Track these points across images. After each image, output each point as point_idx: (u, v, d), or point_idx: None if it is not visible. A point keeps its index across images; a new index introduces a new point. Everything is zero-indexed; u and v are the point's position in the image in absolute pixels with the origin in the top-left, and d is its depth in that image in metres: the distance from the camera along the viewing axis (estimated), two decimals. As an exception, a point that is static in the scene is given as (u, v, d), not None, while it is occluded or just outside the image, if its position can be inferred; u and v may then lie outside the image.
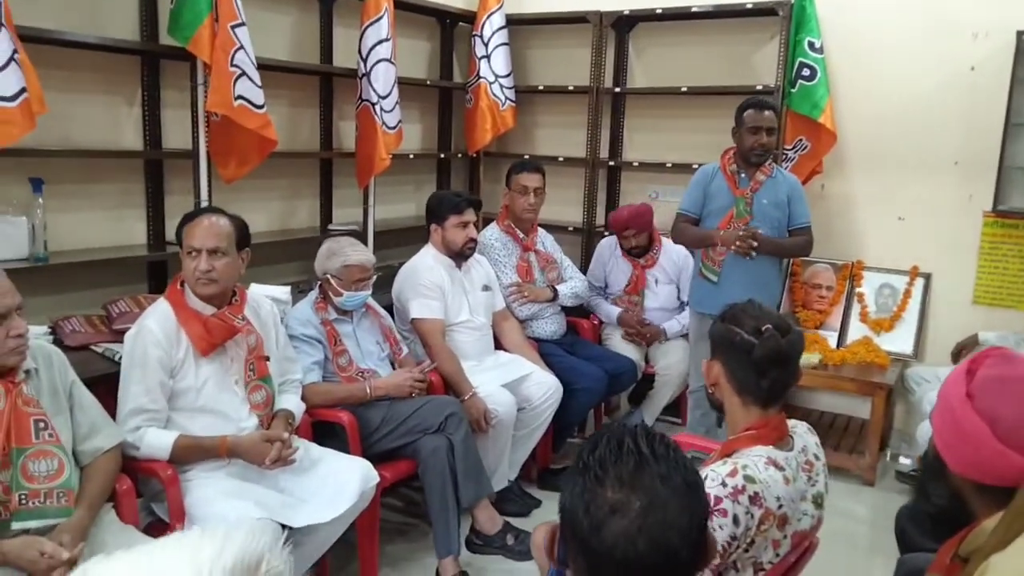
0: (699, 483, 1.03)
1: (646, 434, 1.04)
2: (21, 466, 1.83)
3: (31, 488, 1.85)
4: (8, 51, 2.28)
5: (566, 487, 1.04)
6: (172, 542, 0.76)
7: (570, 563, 1.05)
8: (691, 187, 3.40)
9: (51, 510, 1.88)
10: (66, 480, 1.90)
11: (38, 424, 1.87)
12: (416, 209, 4.53)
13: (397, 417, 2.77)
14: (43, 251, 2.74)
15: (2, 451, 1.80)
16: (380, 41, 3.61)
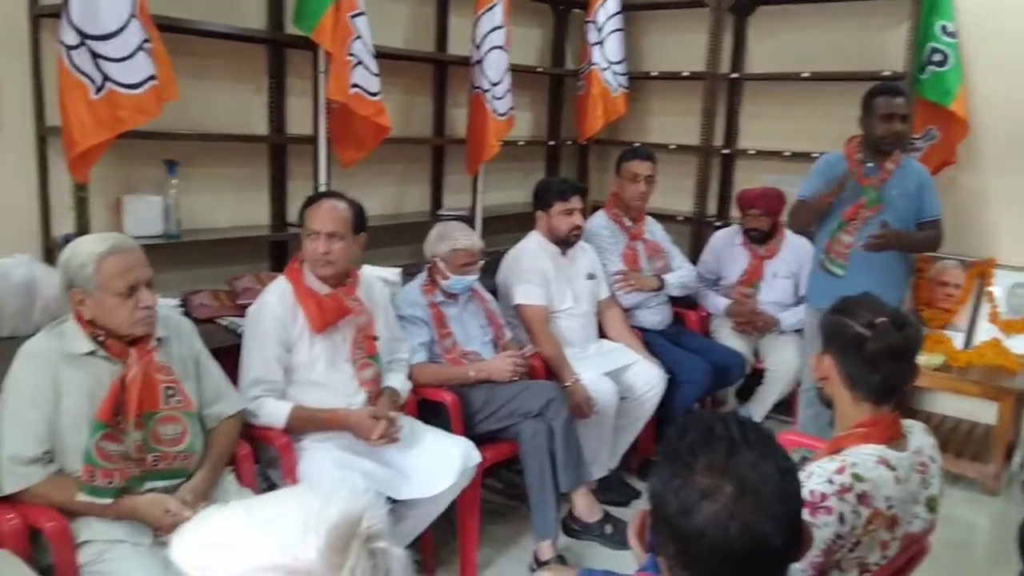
0: (793, 470, 1.00)
1: (737, 420, 1.02)
2: (153, 429, 1.97)
3: (161, 450, 1.98)
4: (137, 41, 2.41)
5: (655, 473, 1.03)
6: (281, 496, 0.81)
7: (660, 550, 1.04)
8: (813, 174, 3.27)
9: (175, 471, 2.01)
10: (189, 444, 2.02)
11: (167, 390, 2.00)
12: (524, 196, 4.54)
13: (499, 400, 2.81)
14: (175, 229, 2.93)
15: (136, 414, 1.94)
16: (493, 29, 3.65)
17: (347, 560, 0.73)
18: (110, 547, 1.89)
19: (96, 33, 2.35)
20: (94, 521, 1.91)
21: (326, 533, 0.73)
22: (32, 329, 2.38)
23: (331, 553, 0.73)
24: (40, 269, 2.50)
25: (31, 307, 2.45)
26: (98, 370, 1.96)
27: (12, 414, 1.90)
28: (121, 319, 1.94)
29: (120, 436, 1.92)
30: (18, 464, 1.88)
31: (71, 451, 1.92)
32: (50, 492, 1.90)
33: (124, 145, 2.71)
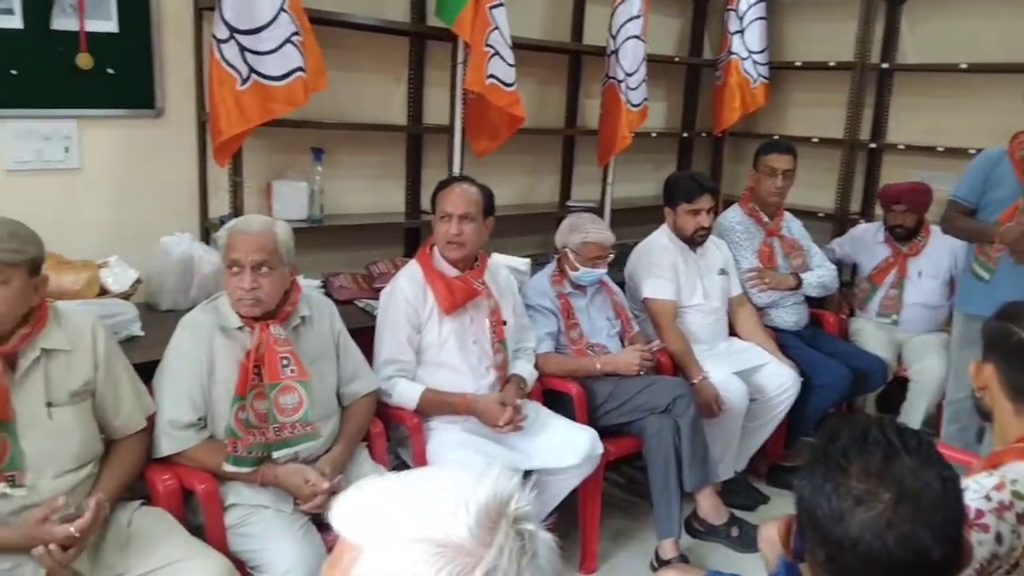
0: (956, 479, 0.94)
1: (894, 425, 0.97)
2: (274, 400, 2.06)
3: (282, 420, 2.06)
4: (286, 34, 2.54)
5: (804, 477, 0.99)
6: (432, 472, 0.83)
7: (807, 556, 1.00)
8: (969, 173, 3.04)
9: (296, 439, 2.07)
10: (304, 413, 2.08)
11: (283, 361, 2.07)
12: (655, 188, 4.46)
13: (624, 394, 2.79)
14: (319, 213, 3.06)
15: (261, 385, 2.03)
16: (631, 18, 3.60)
17: (495, 538, 0.74)
18: (254, 511, 2.00)
19: (245, 28, 2.49)
20: (241, 486, 2.03)
21: (476, 511, 0.75)
22: (189, 304, 2.56)
23: (480, 530, 0.74)
24: (198, 248, 2.68)
25: (189, 283, 2.63)
26: (244, 344, 2.08)
27: (171, 381, 2.04)
28: (230, 292, 2.07)
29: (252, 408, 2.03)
30: (175, 428, 2.02)
31: (220, 419, 2.05)
32: (202, 456, 2.03)
33: (275, 133, 2.86)
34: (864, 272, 3.74)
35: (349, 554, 0.75)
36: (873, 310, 3.68)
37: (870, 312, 3.69)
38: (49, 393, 1.80)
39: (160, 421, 2.03)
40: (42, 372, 1.80)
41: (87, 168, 2.66)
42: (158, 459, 2.03)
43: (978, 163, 3.04)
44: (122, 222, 2.74)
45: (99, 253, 2.51)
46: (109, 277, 2.42)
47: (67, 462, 1.82)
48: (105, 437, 1.96)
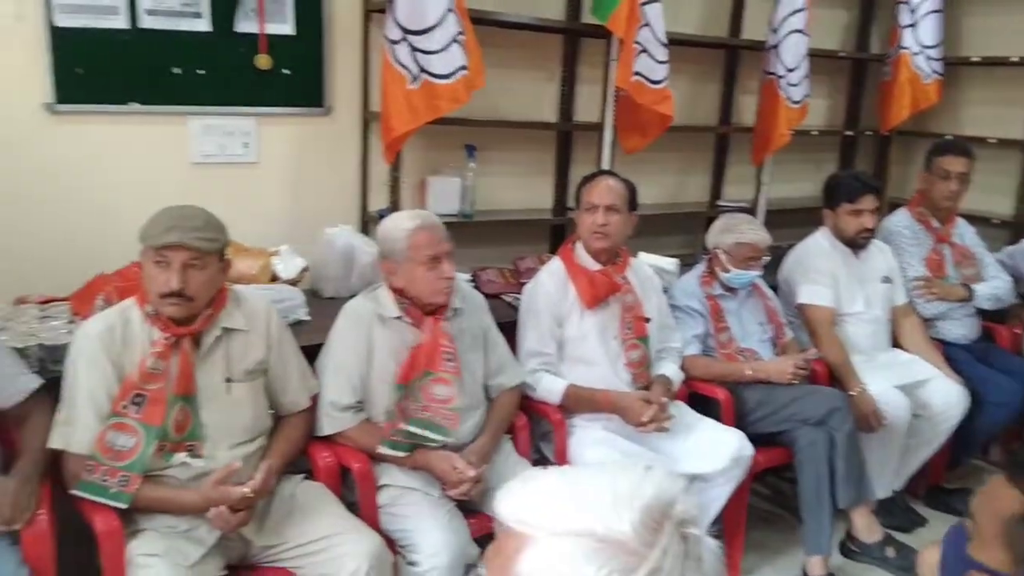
0: None
1: None
2: (425, 384, 2.11)
3: (425, 403, 2.11)
4: (452, 34, 2.62)
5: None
6: (597, 468, 0.84)
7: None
8: None
9: (435, 426, 2.11)
10: (455, 406, 2.13)
11: (446, 355, 2.14)
12: (813, 189, 4.26)
13: (775, 402, 2.69)
14: (470, 208, 3.14)
15: (419, 374, 2.11)
16: (794, 11, 3.46)
17: (659, 539, 0.73)
18: (405, 493, 2.08)
19: (416, 28, 2.59)
20: (393, 468, 2.12)
21: (640, 509, 0.74)
22: (350, 292, 2.69)
23: (644, 530, 0.73)
24: (358, 239, 2.81)
25: (349, 272, 2.76)
26: (402, 333, 2.16)
27: (333, 365, 2.16)
28: (425, 287, 2.13)
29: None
30: (335, 409, 2.13)
31: (377, 403, 2.15)
32: (359, 437, 2.14)
33: (431, 131, 2.95)
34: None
35: (513, 544, 0.77)
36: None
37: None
38: (228, 369, 1.95)
39: (322, 402, 2.14)
40: (223, 350, 1.94)
41: (263, 162, 2.85)
42: (319, 437, 2.14)
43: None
44: (291, 213, 2.92)
45: (271, 242, 2.69)
46: (279, 264, 2.58)
47: (240, 434, 1.96)
48: (273, 413, 2.09)
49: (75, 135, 2.54)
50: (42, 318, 2.25)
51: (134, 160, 2.63)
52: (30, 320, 2.22)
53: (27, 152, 2.47)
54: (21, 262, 2.48)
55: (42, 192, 2.51)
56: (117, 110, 2.58)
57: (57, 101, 2.48)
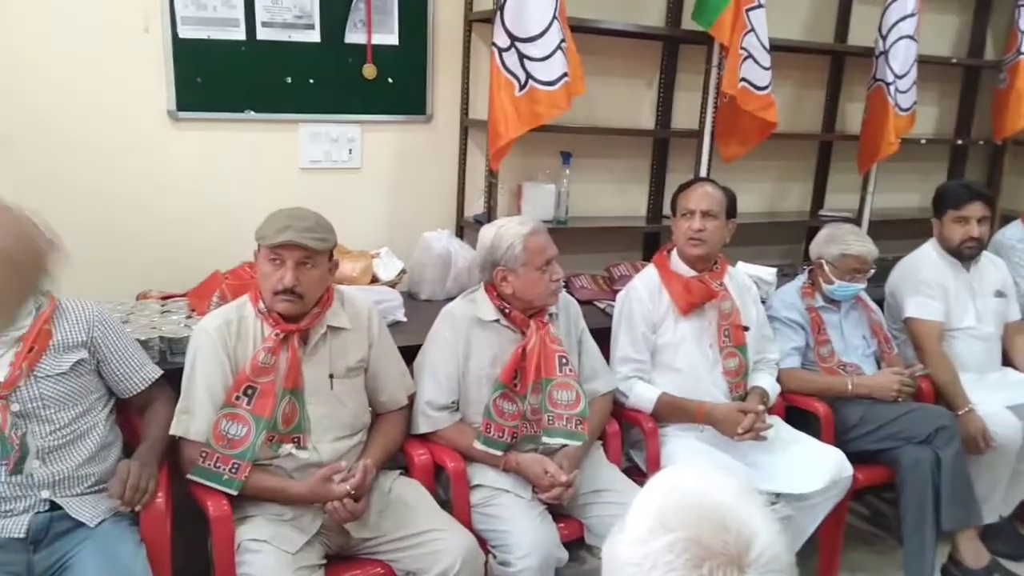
0: None
1: None
2: (548, 394, 2.16)
3: (555, 412, 2.16)
4: (556, 41, 2.65)
5: None
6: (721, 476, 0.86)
7: None
8: None
9: (568, 432, 2.16)
10: (582, 410, 2.18)
11: (561, 359, 2.18)
12: (921, 200, 4.12)
13: (878, 419, 2.60)
14: (564, 215, 3.16)
15: (534, 379, 2.14)
16: (904, 17, 3.35)
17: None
18: (497, 494, 2.11)
19: (524, 36, 2.63)
20: (486, 469, 2.15)
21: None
22: (445, 295, 2.75)
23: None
24: (455, 244, 2.87)
25: (446, 275, 2.83)
26: (500, 337, 2.20)
27: (431, 366, 2.21)
28: (540, 290, 2.17)
29: (516, 398, 2.14)
30: (432, 409, 2.19)
31: (472, 404, 2.20)
32: (454, 437, 2.19)
33: (528, 137, 2.96)
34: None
35: None
36: None
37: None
38: (332, 365, 2.03)
39: (419, 401, 2.20)
40: (328, 347, 2.02)
41: (365, 168, 2.95)
42: (415, 435, 2.20)
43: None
44: (392, 217, 3.01)
45: (372, 244, 2.78)
46: (380, 267, 2.66)
47: (342, 429, 2.04)
48: (372, 410, 2.16)
49: (194, 140, 2.68)
50: (163, 312, 2.40)
51: (248, 164, 2.77)
52: (152, 314, 2.36)
53: (150, 156, 2.63)
54: (143, 260, 2.64)
55: (163, 194, 2.66)
56: (233, 117, 2.72)
57: (178, 108, 2.63)
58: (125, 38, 2.53)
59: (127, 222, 2.62)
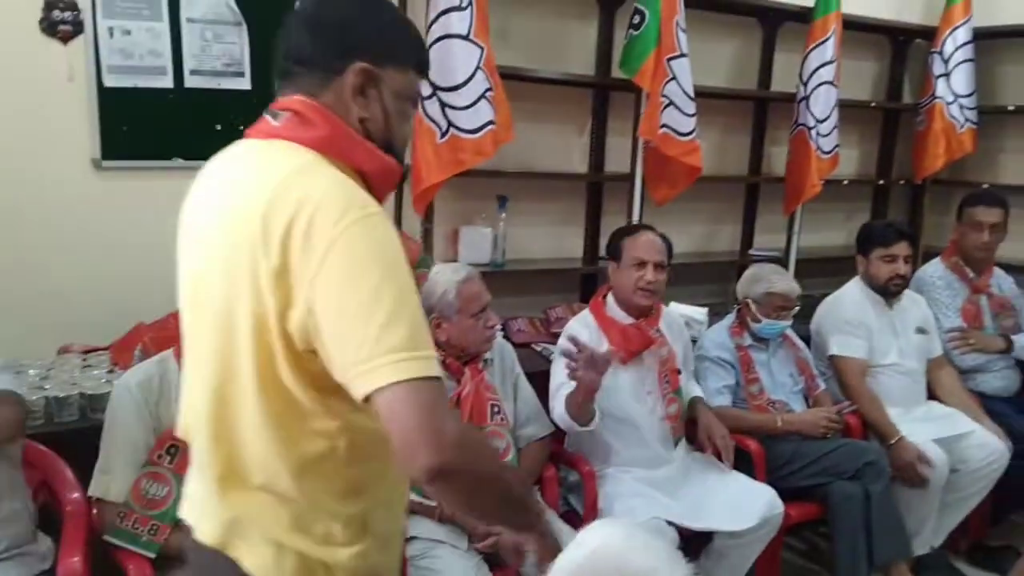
0: None
1: None
2: None
3: None
4: (481, 90, 2.70)
5: None
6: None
7: None
8: None
9: None
10: (511, 459, 2.18)
11: (493, 408, 2.18)
12: (846, 239, 4.27)
13: (808, 455, 2.65)
14: (501, 258, 3.18)
15: None
16: (824, 64, 3.51)
17: None
18: (433, 546, 2.07)
19: (446, 85, 2.67)
20: (421, 520, 2.12)
21: None
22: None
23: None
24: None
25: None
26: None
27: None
28: (473, 338, 2.18)
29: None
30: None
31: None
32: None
33: (463, 182, 3.01)
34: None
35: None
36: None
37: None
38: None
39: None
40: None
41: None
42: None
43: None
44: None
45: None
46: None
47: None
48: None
49: (119, 189, 2.63)
50: (84, 367, 2.32)
51: (175, 213, 2.71)
52: (72, 369, 2.29)
53: (74, 206, 2.57)
54: (66, 312, 2.56)
55: (87, 244, 2.59)
56: (160, 165, 2.67)
57: (103, 157, 2.58)
58: (49, 89, 2.48)
59: (49, 274, 2.54)
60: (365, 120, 1.13)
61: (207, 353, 1.09)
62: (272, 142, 1.10)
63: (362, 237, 0.99)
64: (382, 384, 0.96)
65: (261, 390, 1.04)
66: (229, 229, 1.05)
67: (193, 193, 1.18)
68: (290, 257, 0.99)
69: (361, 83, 1.12)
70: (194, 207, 1.17)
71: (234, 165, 1.13)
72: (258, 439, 1.07)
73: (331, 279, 0.97)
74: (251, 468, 1.09)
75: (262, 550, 1.09)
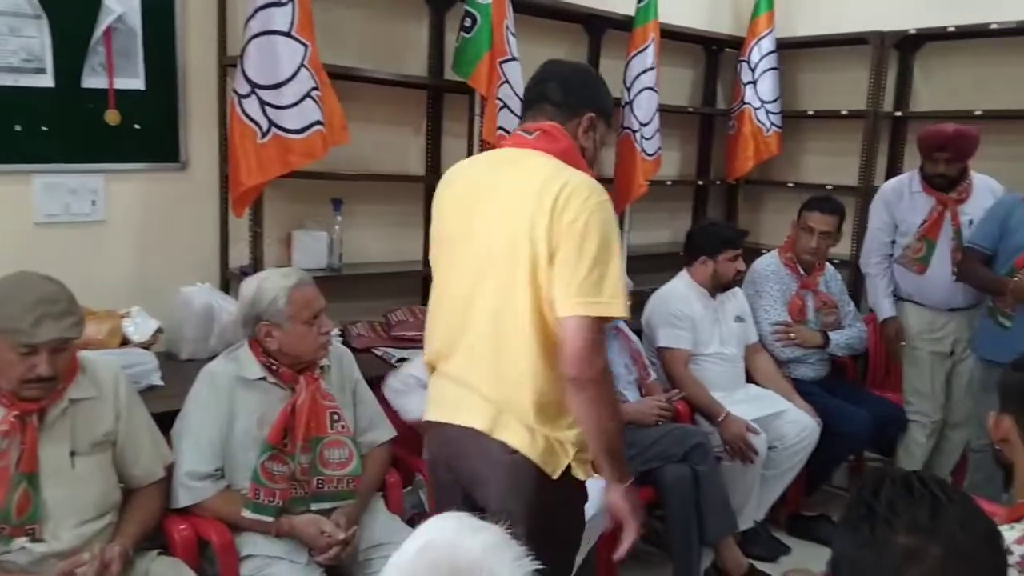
0: (1000, 535, 0.93)
1: (935, 478, 0.95)
2: (319, 453, 2.09)
3: (327, 474, 2.10)
4: (305, 89, 2.61)
5: (847, 533, 0.97)
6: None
7: None
8: (986, 218, 3.05)
9: (343, 494, 2.12)
10: (354, 468, 2.13)
11: (332, 416, 2.12)
12: (671, 236, 4.52)
13: (641, 443, 2.77)
14: (338, 262, 3.10)
15: (304, 438, 2.06)
16: (644, 70, 3.68)
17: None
18: (270, 563, 2.00)
19: (266, 83, 2.56)
20: (257, 537, 2.03)
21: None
22: (209, 353, 2.59)
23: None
24: (218, 298, 2.72)
25: (209, 332, 2.66)
26: (268, 395, 2.10)
27: (190, 432, 2.06)
28: (307, 346, 2.10)
29: (286, 458, 2.05)
30: (193, 479, 2.03)
31: (239, 469, 2.07)
32: (219, 507, 2.04)
33: (295, 184, 2.91)
34: (908, 230, 3.31)
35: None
36: (942, 273, 3.22)
37: (933, 280, 3.24)
38: (73, 442, 1.83)
39: (178, 472, 2.04)
40: (68, 422, 1.83)
41: (111, 220, 2.72)
42: (175, 509, 2.03)
43: (995, 209, 3.05)
44: (145, 273, 2.79)
45: (122, 303, 2.56)
46: (131, 327, 2.46)
47: (87, 512, 1.84)
48: (124, 487, 1.97)
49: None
50: None
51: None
52: None
53: None
54: None
55: None
56: (-52, 168, 2.42)
57: None
58: None
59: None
60: (584, 148, 1.72)
61: (491, 288, 1.60)
62: (526, 151, 1.66)
63: (596, 215, 1.54)
64: (570, 314, 1.52)
65: (532, 311, 1.56)
66: (509, 204, 1.60)
67: (462, 174, 1.80)
68: (554, 219, 1.52)
69: (588, 126, 1.73)
70: (467, 185, 1.75)
71: (505, 162, 1.70)
72: (523, 350, 1.58)
73: (571, 237, 1.51)
74: (514, 374, 1.59)
75: (521, 434, 1.60)
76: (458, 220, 1.71)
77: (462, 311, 1.66)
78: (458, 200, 1.75)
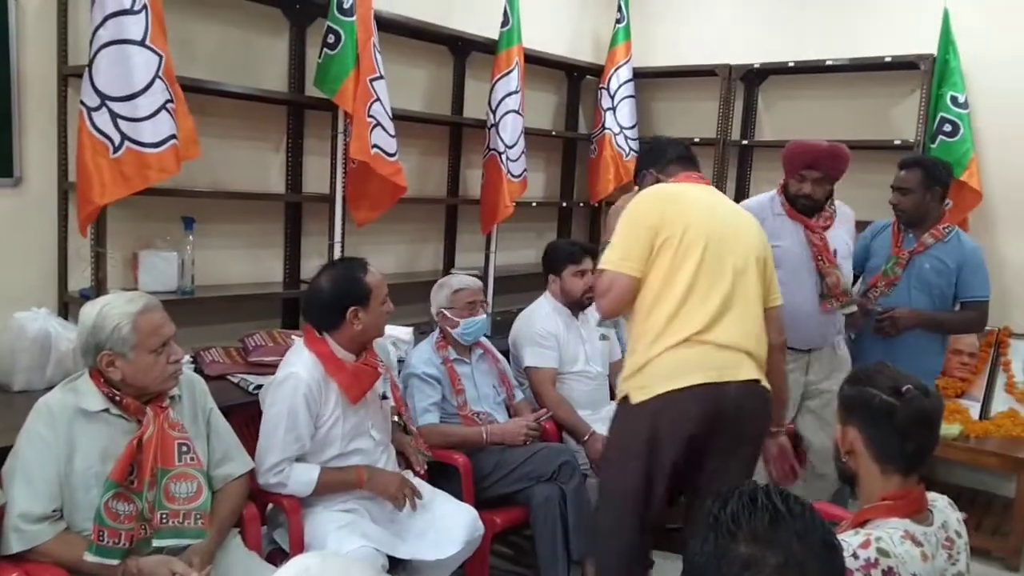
0: (837, 545, 0.99)
1: (780, 492, 1.01)
2: (164, 487, 1.95)
3: (172, 508, 1.96)
4: (160, 101, 2.47)
5: (697, 542, 1.01)
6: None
7: None
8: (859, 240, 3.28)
9: (189, 531, 1.98)
10: (203, 503, 2.00)
11: (181, 447, 1.98)
12: (536, 256, 4.55)
13: (510, 463, 2.78)
14: (190, 285, 2.94)
15: (150, 471, 1.92)
16: (509, 93, 3.73)
17: None
18: (117, 606, 1.85)
19: (117, 95, 2.41)
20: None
21: None
22: (45, 383, 2.39)
23: None
24: (56, 324, 2.51)
25: (46, 361, 2.45)
26: (111, 428, 1.94)
27: (24, 470, 1.88)
28: (154, 376, 1.96)
29: (131, 496, 1.90)
30: (27, 522, 1.85)
31: (80, 509, 1.90)
32: (57, 551, 1.86)
33: (141, 202, 2.74)
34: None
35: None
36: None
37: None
38: None
39: (10, 515, 1.85)
40: None
41: (-69, 239, 2.47)
42: (6, 556, 1.84)
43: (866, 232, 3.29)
44: (-30, 296, 2.55)
45: (-57, 331, 2.32)
46: (-47, 357, 2.23)
47: None
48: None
49: None
50: None
51: None
52: None
53: None
54: None
55: None
56: None
57: None
58: None
59: None
60: None
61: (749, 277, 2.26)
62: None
63: None
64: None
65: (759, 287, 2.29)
66: (741, 219, 2.37)
67: (693, 196, 2.33)
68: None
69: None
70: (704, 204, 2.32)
71: (714, 192, 2.47)
72: (758, 319, 2.27)
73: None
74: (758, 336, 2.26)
75: (764, 381, 2.24)
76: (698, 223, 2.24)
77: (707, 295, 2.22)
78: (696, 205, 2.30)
